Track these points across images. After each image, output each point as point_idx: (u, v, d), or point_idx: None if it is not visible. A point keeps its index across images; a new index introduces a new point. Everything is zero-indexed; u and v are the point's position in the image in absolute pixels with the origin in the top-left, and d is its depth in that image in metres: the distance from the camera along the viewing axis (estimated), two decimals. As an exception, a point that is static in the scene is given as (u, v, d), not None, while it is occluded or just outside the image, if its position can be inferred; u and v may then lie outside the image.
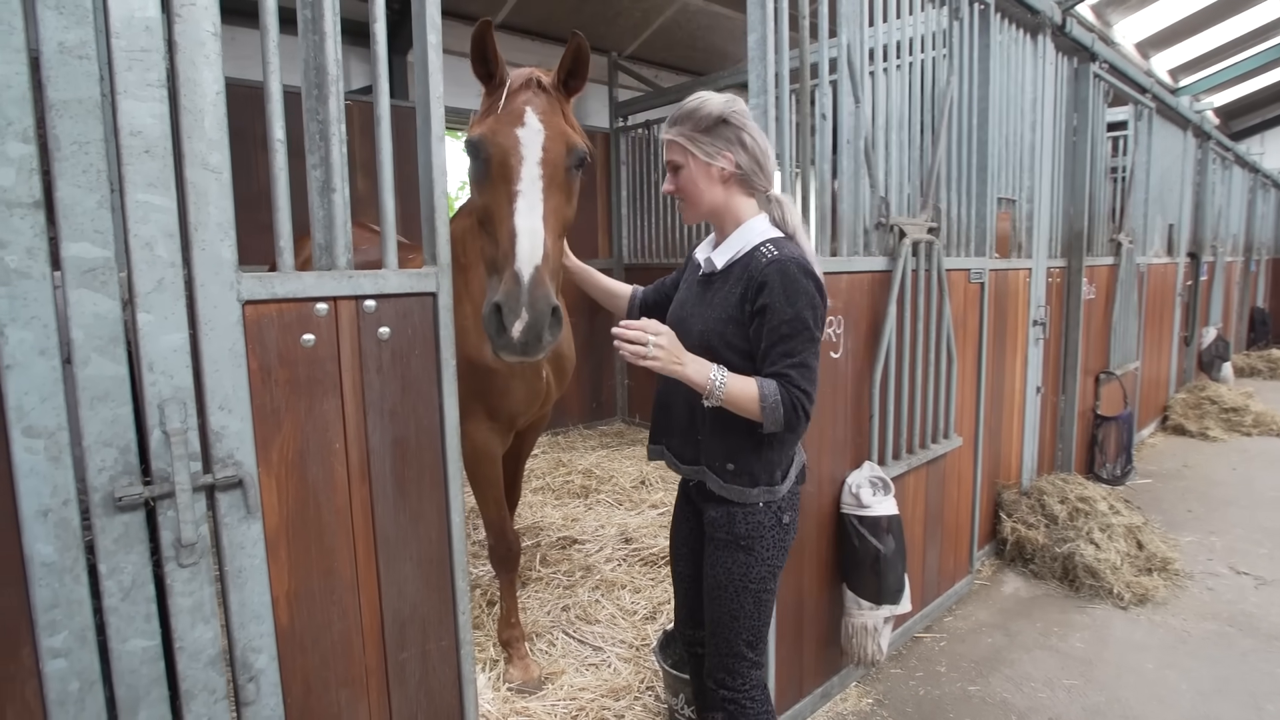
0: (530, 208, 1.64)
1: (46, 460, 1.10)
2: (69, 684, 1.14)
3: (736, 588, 1.62)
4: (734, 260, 1.61)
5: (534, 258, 1.57)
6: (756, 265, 1.54)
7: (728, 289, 1.60)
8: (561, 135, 1.75)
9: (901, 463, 2.89)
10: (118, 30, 1.10)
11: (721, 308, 1.58)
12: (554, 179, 1.72)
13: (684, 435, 1.69)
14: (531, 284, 1.55)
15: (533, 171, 1.68)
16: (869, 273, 2.71)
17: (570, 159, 1.77)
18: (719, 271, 1.65)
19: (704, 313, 1.62)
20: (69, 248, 1.09)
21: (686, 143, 1.60)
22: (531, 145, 1.70)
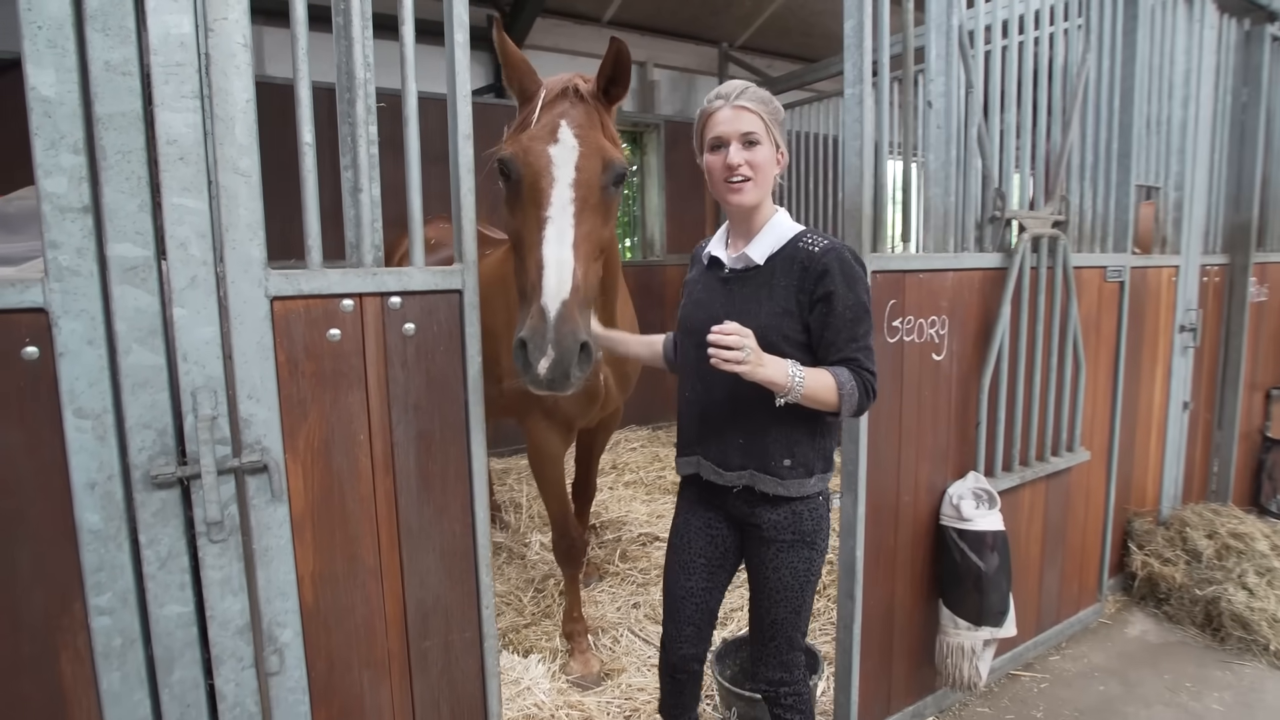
0: (559, 236, 1.52)
1: (94, 439, 1.22)
2: (113, 639, 1.26)
3: (802, 584, 1.63)
4: (773, 254, 1.58)
5: (561, 291, 1.46)
6: (808, 255, 1.54)
7: (775, 282, 1.56)
8: (598, 151, 1.62)
9: (1013, 475, 2.64)
10: (155, 47, 1.20)
11: (774, 302, 1.55)
12: (588, 201, 1.58)
13: (726, 441, 1.63)
14: (558, 320, 1.44)
15: (564, 195, 1.55)
16: (980, 270, 2.49)
17: (607, 177, 1.63)
18: (758, 267, 1.59)
19: (750, 309, 1.56)
20: (113, 248, 1.20)
21: (768, 118, 1.56)
22: (564, 165, 1.58)
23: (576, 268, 1.49)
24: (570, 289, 1.47)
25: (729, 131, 1.53)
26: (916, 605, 2.50)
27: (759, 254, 1.59)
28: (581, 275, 1.51)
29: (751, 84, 1.58)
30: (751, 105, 1.53)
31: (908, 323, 2.31)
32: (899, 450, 2.36)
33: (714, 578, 1.74)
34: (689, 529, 1.75)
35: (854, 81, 2.10)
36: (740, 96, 1.54)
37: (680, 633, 1.76)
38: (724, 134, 1.54)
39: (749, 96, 1.54)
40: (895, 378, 2.29)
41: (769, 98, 1.57)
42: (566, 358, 1.42)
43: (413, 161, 1.45)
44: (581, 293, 1.49)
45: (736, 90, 1.55)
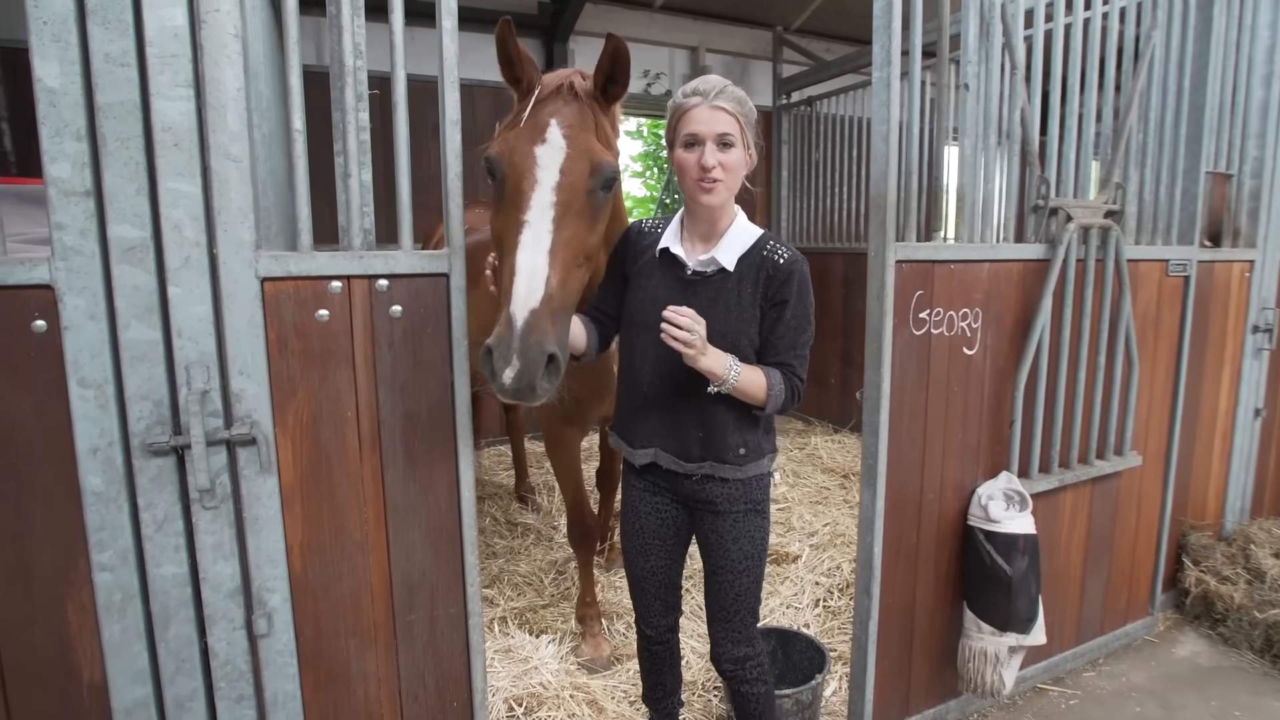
0: (535, 241, 1.46)
1: (96, 407, 1.31)
2: (113, 594, 1.36)
3: (760, 552, 1.73)
4: (739, 258, 1.61)
5: (530, 300, 1.40)
6: (774, 264, 1.60)
7: (743, 289, 1.60)
8: (586, 153, 1.54)
9: (1052, 478, 2.52)
10: (151, 39, 1.26)
11: (742, 309, 1.60)
12: (571, 205, 1.51)
13: (686, 435, 1.66)
14: (524, 330, 1.38)
15: (545, 198, 1.49)
16: (1019, 261, 2.37)
17: (594, 180, 1.55)
18: (725, 271, 1.61)
19: (720, 314, 1.60)
20: (113, 229, 1.29)
21: (743, 120, 1.57)
22: (549, 166, 1.51)
23: (551, 275, 1.44)
24: (541, 298, 1.41)
25: (705, 131, 1.53)
26: (939, 606, 2.42)
27: (729, 258, 1.61)
28: (557, 283, 1.45)
29: (729, 82, 1.57)
30: (728, 106, 1.52)
31: (936, 315, 2.21)
32: (923, 446, 2.27)
33: (671, 554, 1.81)
34: (639, 515, 1.79)
35: (882, 64, 2.01)
36: (718, 96, 1.52)
37: (650, 607, 1.85)
38: (699, 133, 1.53)
39: (727, 97, 1.53)
40: (920, 371, 2.21)
41: (744, 98, 1.57)
42: (531, 369, 1.37)
43: (401, 147, 1.48)
44: (556, 301, 1.44)
45: (714, 89, 1.53)
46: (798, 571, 3.21)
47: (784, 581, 3.14)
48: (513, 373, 1.37)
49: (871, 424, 2.15)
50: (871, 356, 2.12)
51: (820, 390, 5.60)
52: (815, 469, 4.58)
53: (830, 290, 5.41)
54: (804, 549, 3.39)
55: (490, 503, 4.07)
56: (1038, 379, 2.42)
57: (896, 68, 2.00)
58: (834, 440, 5.12)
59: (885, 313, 2.06)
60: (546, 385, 1.41)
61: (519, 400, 1.42)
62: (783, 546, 3.42)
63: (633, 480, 1.79)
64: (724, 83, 1.55)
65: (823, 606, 2.95)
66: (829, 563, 3.24)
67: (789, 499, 4.05)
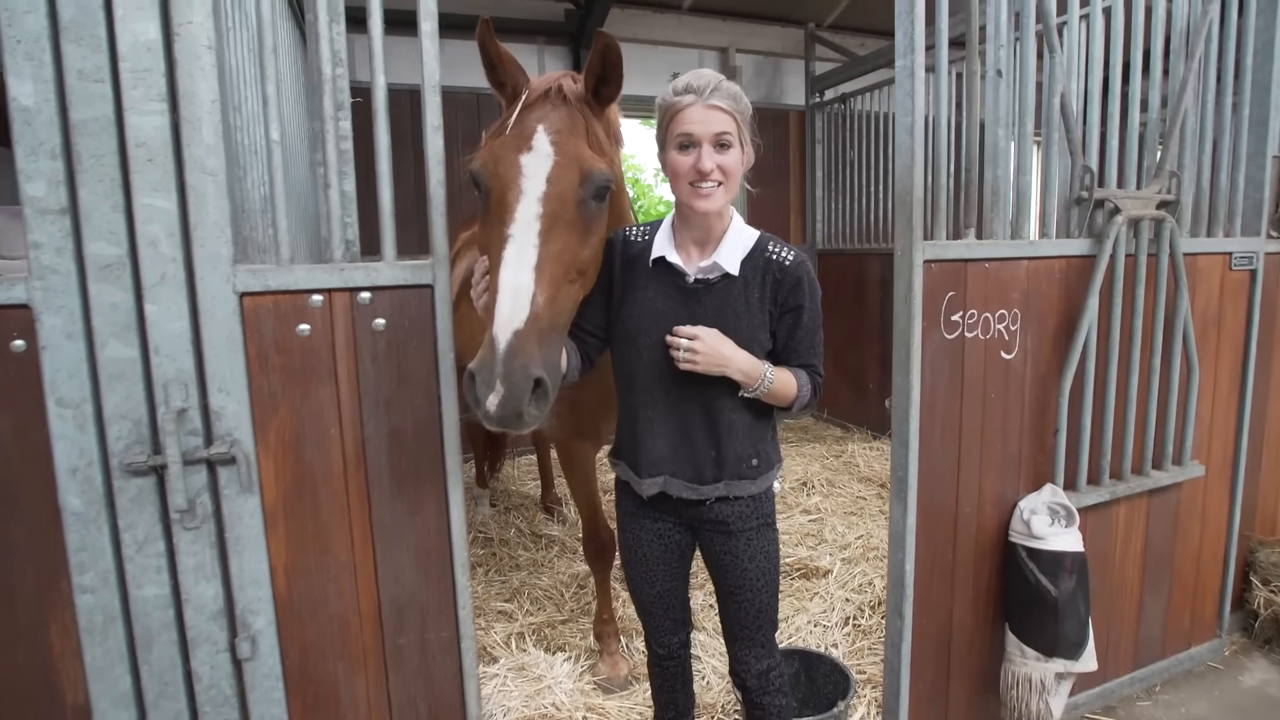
0: (519, 256, 1.35)
1: (74, 427, 1.29)
2: (95, 616, 1.34)
3: (775, 565, 1.68)
4: (742, 262, 1.54)
5: (514, 320, 1.30)
6: (780, 267, 1.54)
7: (750, 295, 1.53)
8: (575, 161, 1.44)
9: (1102, 490, 2.35)
10: (124, 54, 1.24)
11: (751, 315, 1.55)
12: (559, 217, 1.41)
13: (699, 456, 1.58)
14: (508, 353, 1.28)
15: (530, 210, 1.38)
16: (1061, 258, 2.22)
17: (585, 190, 1.44)
18: (729, 277, 1.53)
19: (729, 322, 1.52)
20: (89, 247, 1.27)
21: (740, 120, 1.49)
22: (535, 176, 1.40)
23: (537, 293, 1.34)
24: (526, 317, 1.31)
25: (700, 132, 1.43)
26: (979, 628, 2.28)
27: (732, 263, 1.53)
28: (544, 301, 1.35)
29: (723, 77, 1.47)
30: (725, 104, 1.44)
31: (970, 317, 2.07)
32: (958, 457, 2.13)
33: (675, 576, 1.75)
34: (639, 543, 1.71)
35: (905, 52, 1.90)
36: (713, 94, 1.43)
37: (660, 626, 1.80)
38: (695, 134, 1.44)
39: (722, 94, 1.44)
40: (954, 377, 2.07)
41: (740, 94, 1.49)
42: (517, 395, 1.27)
43: (382, 155, 1.44)
44: (544, 321, 1.34)
45: (709, 85, 1.43)
46: (828, 587, 3.06)
47: (813, 597, 3.01)
48: (497, 399, 1.27)
49: (901, 434, 2.02)
50: (900, 362, 1.99)
51: (858, 396, 5.42)
52: (851, 477, 4.41)
53: (867, 293, 5.22)
54: (835, 563, 3.24)
55: (516, 513, 4.03)
56: (1084, 384, 2.25)
57: (920, 55, 1.88)
58: (872, 448, 4.93)
59: (913, 316, 1.93)
60: (535, 412, 1.32)
61: (505, 428, 1.33)
62: (813, 560, 3.28)
63: (630, 506, 1.71)
64: (718, 78, 1.46)
65: (853, 625, 2.80)
66: (860, 578, 3.09)
67: (821, 509, 3.90)
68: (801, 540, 3.54)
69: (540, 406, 1.33)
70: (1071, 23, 2.20)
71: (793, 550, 3.40)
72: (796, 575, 3.22)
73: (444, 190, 1.46)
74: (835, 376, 5.89)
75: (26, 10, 1.19)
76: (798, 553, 3.37)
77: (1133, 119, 2.36)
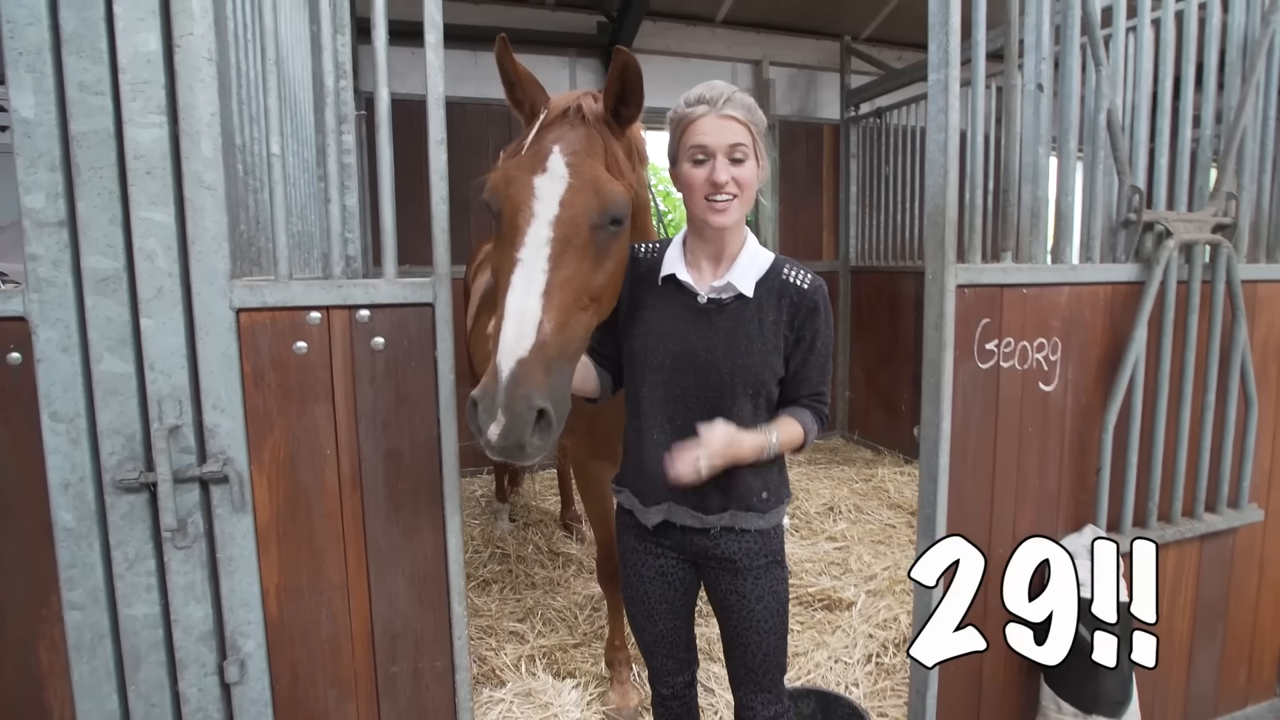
0: (526, 282, 1.30)
1: (68, 441, 1.28)
2: (83, 634, 1.32)
3: (784, 605, 1.60)
4: (757, 284, 1.48)
5: (518, 349, 1.25)
6: (797, 291, 1.48)
7: (764, 317, 1.46)
8: (590, 184, 1.38)
9: (1150, 533, 2.19)
10: (124, 66, 1.23)
11: (764, 339, 1.46)
12: (571, 241, 1.35)
13: (704, 484, 1.47)
14: (510, 382, 1.23)
15: (541, 234, 1.33)
16: (1106, 284, 2.09)
17: (601, 215, 1.38)
18: (743, 298, 1.46)
19: (740, 346, 1.45)
20: (86, 260, 1.26)
21: (756, 132, 1.43)
22: (548, 199, 1.35)
23: (544, 320, 1.28)
24: (531, 345, 1.26)
25: (714, 144, 1.37)
26: (1012, 677, 2.14)
27: (746, 284, 1.46)
28: (552, 329, 1.29)
29: (736, 88, 1.42)
30: (739, 115, 1.38)
31: (1006, 345, 1.96)
32: (991, 493, 2.01)
33: (678, 615, 1.66)
34: (641, 580, 1.63)
35: (939, 65, 1.81)
36: (727, 104, 1.37)
37: (663, 666, 1.71)
38: (709, 145, 1.37)
39: (736, 104, 1.38)
40: (988, 409, 1.95)
41: (754, 105, 1.43)
42: (519, 426, 1.22)
43: (385, 169, 1.40)
44: (551, 349, 1.28)
45: (722, 96, 1.38)
46: (850, 621, 2.94)
47: (834, 631, 2.88)
48: (498, 429, 1.22)
49: (929, 468, 1.91)
50: (929, 392, 1.88)
51: (890, 418, 5.26)
52: (880, 504, 4.26)
53: (901, 312, 5.08)
54: (859, 595, 3.11)
55: (534, 530, 3.98)
56: (1131, 419, 2.11)
57: (955, 69, 1.79)
58: (903, 472, 4.76)
59: (945, 343, 1.83)
60: (538, 443, 1.26)
61: (508, 459, 1.27)
62: (836, 591, 3.15)
63: (632, 541, 1.63)
64: (731, 88, 1.40)
65: (875, 663, 2.67)
66: (885, 613, 2.95)
67: (848, 536, 3.77)
68: (825, 569, 3.41)
69: (544, 437, 1.27)
70: (1118, 35, 2.09)
71: (815, 580, 3.28)
72: (819, 607, 3.10)
73: (446, 206, 1.42)
74: (868, 396, 5.73)
75: (29, 22, 1.19)
76: (820, 582, 3.24)
77: (1184, 136, 2.22)
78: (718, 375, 1.44)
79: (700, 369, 1.44)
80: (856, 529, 3.88)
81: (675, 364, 1.45)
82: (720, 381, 1.44)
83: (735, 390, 1.44)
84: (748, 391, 1.46)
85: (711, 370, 1.44)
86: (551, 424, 1.27)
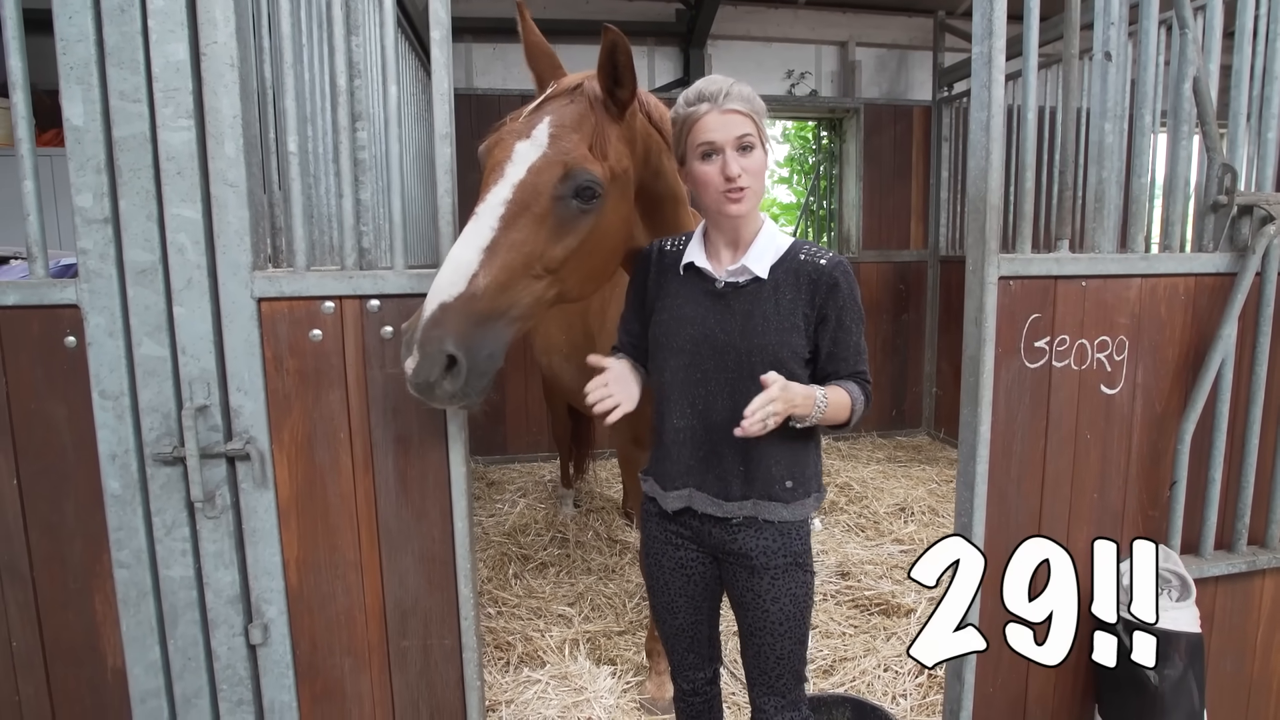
0: (474, 235, 1.34)
1: (114, 417, 1.42)
2: (130, 590, 1.47)
3: (803, 610, 1.55)
4: (774, 265, 1.46)
5: (445, 292, 1.29)
6: (814, 268, 1.46)
7: (780, 297, 1.45)
8: (561, 155, 1.40)
9: (1238, 558, 1.97)
10: (157, 74, 1.34)
11: (781, 317, 1.45)
12: (529, 207, 1.38)
13: (726, 470, 1.49)
14: (428, 323, 1.28)
15: (501, 194, 1.37)
16: (1189, 276, 1.87)
17: (564, 186, 1.40)
18: (758, 280, 1.45)
19: (756, 326, 1.44)
20: (128, 253, 1.39)
21: (760, 121, 1.44)
22: (519, 163, 1.40)
23: (480, 274, 1.31)
24: (460, 294, 1.29)
25: (721, 138, 1.38)
26: (1061, 706, 1.97)
27: (761, 266, 1.45)
28: (488, 285, 1.31)
29: (733, 80, 1.41)
30: (741, 107, 1.39)
31: (1060, 344, 1.79)
32: (1039, 504, 1.86)
33: (699, 610, 1.63)
34: (662, 570, 1.61)
35: (983, 36, 1.66)
36: (727, 99, 1.39)
37: (682, 660, 1.69)
38: (716, 140, 1.38)
39: (735, 97, 1.39)
40: (1036, 413, 1.80)
41: (753, 95, 1.43)
42: (427, 366, 1.28)
43: (394, 164, 1.46)
44: (482, 304, 1.31)
45: (721, 91, 1.38)
46: (908, 628, 2.80)
47: (888, 639, 2.75)
48: (412, 364, 1.29)
49: (966, 474, 1.78)
50: (968, 393, 1.76)
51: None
52: (958, 509, 4.01)
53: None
54: (919, 602, 2.95)
55: (596, 516, 4.04)
56: (1215, 428, 1.88)
57: (1001, 40, 1.64)
58: (989, 477, 4.46)
59: (985, 340, 1.70)
60: (449, 388, 1.31)
61: (422, 397, 1.33)
62: (895, 596, 3.00)
63: (654, 530, 1.62)
64: (728, 82, 1.40)
65: (928, 675, 2.53)
66: (945, 624, 2.78)
67: (916, 540, 3.58)
68: (888, 572, 3.26)
69: (455, 384, 1.31)
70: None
71: (875, 583, 3.14)
72: (875, 611, 2.97)
73: (452, 199, 1.46)
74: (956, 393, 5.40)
75: (78, 39, 1.32)
76: (879, 586, 3.10)
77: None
78: (736, 356, 1.44)
79: (719, 351, 1.44)
80: (927, 533, 3.68)
81: (695, 347, 1.46)
82: (739, 362, 1.43)
83: (755, 370, 1.40)
84: (764, 369, 1.40)
85: (730, 351, 1.44)
86: (462, 373, 1.30)
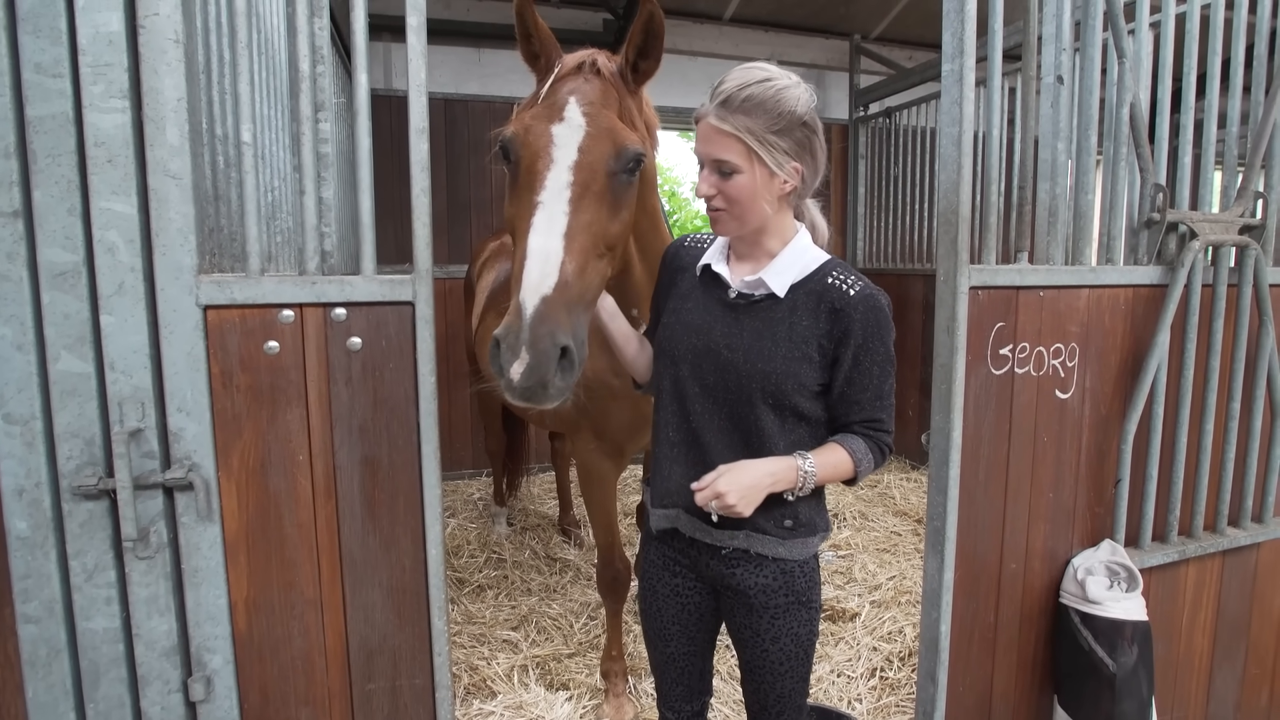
0: (548, 223, 1.31)
1: (22, 445, 1.21)
2: (38, 649, 1.25)
3: (806, 649, 1.46)
4: (795, 285, 1.35)
5: (542, 286, 1.25)
6: (840, 296, 1.33)
7: (796, 321, 1.34)
8: (607, 132, 1.39)
9: (1170, 549, 2.11)
10: (84, 47, 1.16)
11: (792, 345, 1.33)
12: (590, 187, 1.36)
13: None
14: (535, 319, 1.23)
15: (561, 179, 1.35)
16: (1127, 287, 2.00)
17: (617, 162, 1.39)
18: (774, 298, 1.35)
19: (764, 348, 1.33)
20: (43, 253, 1.18)
21: (753, 142, 1.26)
22: (566, 145, 1.37)
23: (566, 261, 1.28)
24: (555, 284, 1.26)
25: (701, 153, 1.30)
26: (1023, 699, 2.05)
27: (779, 283, 1.34)
28: (573, 271, 1.30)
29: (751, 82, 1.25)
30: (726, 125, 1.25)
31: (1021, 351, 1.87)
32: (1004, 507, 1.92)
33: (693, 641, 1.53)
34: (656, 595, 1.52)
35: (954, 55, 1.71)
36: (723, 106, 1.25)
37: (670, 690, 1.59)
38: (699, 154, 1.31)
39: (720, 106, 1.26)
40: (1002, 417, 1.87)
41: (763, 99, 1.25)
42: (544, 364, 1.22)
43: (363, 160, 1.33)
44: (572, 291, 1.29)
45: (723, 95, 1.26)
46: (854, 633, 2.84)
47: (838, 643, 2.79)
48: (522, 367, 1.21)
49: (939, 479, 1.82)
50: (940, 399, 1.79)
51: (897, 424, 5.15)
52: (886, 511, 4.16)
53: (909, 315, 4.97)
54: (864, 605, 3.02)
55: (532, 534, 3.90)
56: (1152, 428, 2.01)
57: (971, 59, 1.69)
58: (910, 479, 4.66)
59: (956, 348, 1.74)
60: (560, 384, 1.25)
61: (529, 401, 1.25)
62: (839, 601, 3.06)
63: (651, 552, 1.53)
64: (738, 85, 1.25)
65: (879, 678, 2.58)
66: (890, 625, 2.86)
67: (852, 545, 3.67)
68: (829, 578, 3.32)
69: (566, 378, 1.26)
70: (1141, 28, 1.99)
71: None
72: (822, 618, 3.00)
73: (427, 199, 1.34)
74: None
75: (-18, -1, 1.12)
76: (823, 592, 3.15)
77: (1209, 133, 2.12)
78: (736, 377, 1.33)
79: (721, 368, 1.34)
80: (861, 537, 3.78)
81: (696, 359, 1.36)
82: (739, 385, 1.33)
83: (753, 397, 1.33)
84: (767, 401, 1.33)
85: (731, 371, 1.33)
86: (574, 364, 1.27)
